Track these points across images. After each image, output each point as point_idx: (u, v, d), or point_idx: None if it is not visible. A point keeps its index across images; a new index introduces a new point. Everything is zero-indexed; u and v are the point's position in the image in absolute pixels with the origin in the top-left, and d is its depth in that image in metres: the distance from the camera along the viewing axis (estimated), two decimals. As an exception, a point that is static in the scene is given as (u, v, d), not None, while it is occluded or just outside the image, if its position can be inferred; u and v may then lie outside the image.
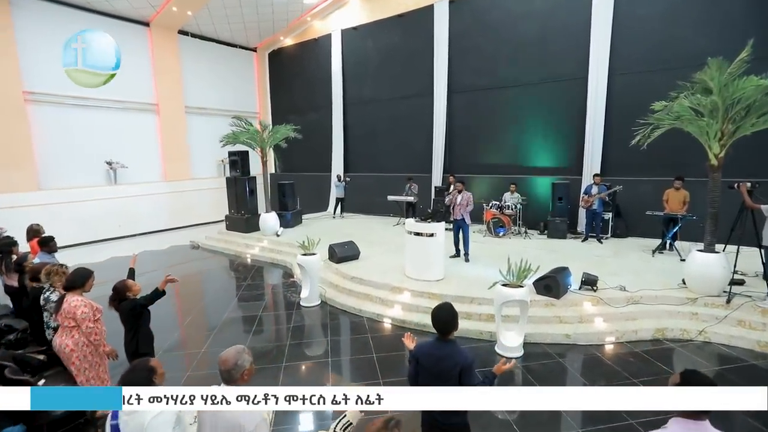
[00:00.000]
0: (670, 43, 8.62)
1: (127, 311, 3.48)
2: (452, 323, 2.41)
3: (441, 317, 2.43)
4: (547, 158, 10.59)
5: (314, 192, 15.42)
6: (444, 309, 2.45)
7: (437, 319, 2.43)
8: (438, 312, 2.45)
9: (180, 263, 9.85)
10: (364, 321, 5.80)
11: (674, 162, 8.31)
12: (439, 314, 2.44)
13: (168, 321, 6.08)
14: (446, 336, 2.42)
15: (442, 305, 2.47)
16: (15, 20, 10.58)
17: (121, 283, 3.59)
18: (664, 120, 5.38)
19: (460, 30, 11.56)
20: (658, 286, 5.75)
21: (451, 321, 2.41)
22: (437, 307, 2.48)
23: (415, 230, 6.35)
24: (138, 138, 13.34)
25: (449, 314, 2.42)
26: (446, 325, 2.41)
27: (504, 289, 4.53)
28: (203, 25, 14.24)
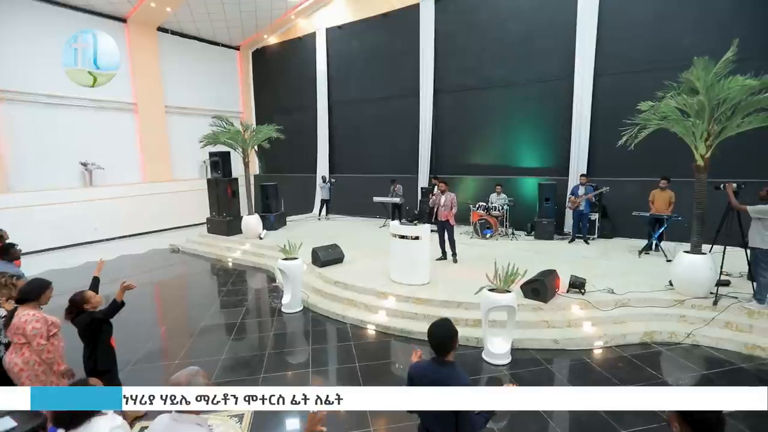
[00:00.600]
0: (656, 43, 8.63)
1: (83, 325, 3.21)
2: (449, 343, 2.16)
3: (436, 335, 2.19)
4: (533, 158, 10.54)
5: (299, 193, 15.14)
6: (440, 326, 2.21)
7: (432, 337, 2.19)
8: (434, 329, 2.21)
9: (159, 268, 9.50)
10: (347, 328, 5.60)
11: (660, 162, 8.30)
12: (435, 332, 2.20)
13: (142, 330, 5.79)
14: (443, 356, 2.18)
15: (439, 322, 2.23)
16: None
17: (79, 294, 3.31)
18: (651, 120, 5.31)
19: (446, 29, 11.45)
20: (645, 288, 5.68)
21: (448, 340, 2.16)
22: (434, 323, 2.24)
23: (399, 233, 6.18)
24: (115, 138, 12.89)
25: (446, 332, 2.18)
26: (442, 345, 2.16)
27: (491, 295, 4.39)
28: (184, 22, 13.85)
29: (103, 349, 3.25)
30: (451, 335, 2.18)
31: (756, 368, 4.37)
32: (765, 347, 4.56)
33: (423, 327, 5.21)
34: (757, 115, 4.89)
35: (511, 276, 4.46)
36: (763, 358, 4.53)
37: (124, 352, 4.66)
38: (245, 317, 6.19)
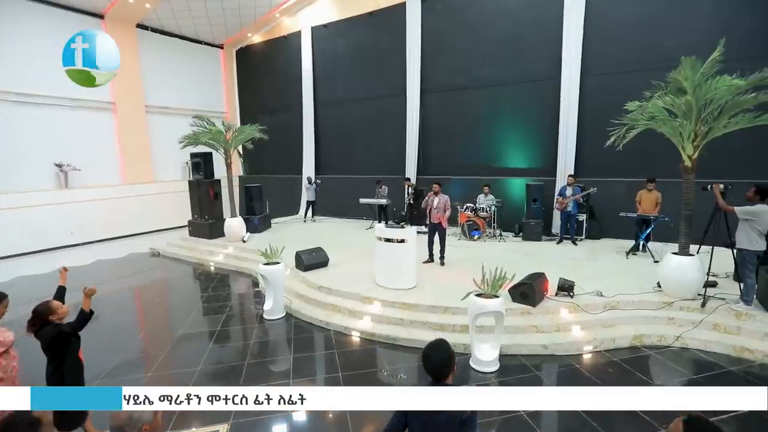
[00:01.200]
0: (643, 43, 8.63)
1: (48, 338, 2.95)
2: (448, 365, 1.96)
3: (434, 359, 1.97)
4: (521, 159, 10.48)
5: (285, 195, 14.88)
6: (437, 348, 1.99)
7: (429, 362, 1.97)
8: (430, 353, 1.99)
9: (137, 272, 9.16)
10: (331, 335, 5.40)
11: (647, 163, 8.31)
12: (432, 355, 1.98)
13: (116, 339, 5.51)
14: (443, 381, 1.98)
15: (434, 344, 2.02)
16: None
17: (43, 304, 3.04)
18: (638, 120, 5.24)
19: (433, 28, 11.34)
20: (634, 290, 5.62)
21: (447, 362, 1.96)
22: (429, 346, 2.02)
23: (385, 236, 6.01)
24: (93, 139, 12.46)
25: (444, 354, 1.97)
26: (440, 369, 1.96)
27: (478, 300, 4.24)
28: (164, 19, 13.48)
29: (71, 364, 3.00)
30: (450, 356, 1.98)
31: (744, 371, 4.31)
32: (753, 350, 4.52)
33: (409, 333, 5.12)
34: (743, 116, 4.86)
35: (499, 280, 4.33)
36: (751, 360, 4.48)
37: (95, 364, 4.43)
38: (225, 324, 5.95)
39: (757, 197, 4.85)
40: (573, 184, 8.53)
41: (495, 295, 4.32)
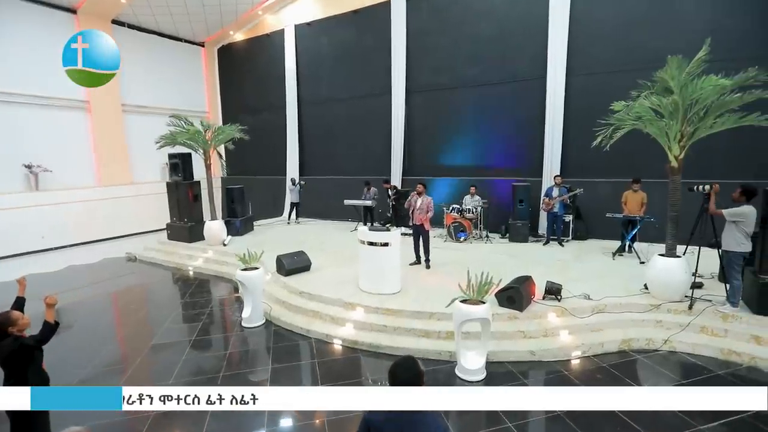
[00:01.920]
0: (628, 44, 8.62)
1: (6, 352, 2.69)
2: (417, 384, 1.82)
3: (401, 376, 1.81)
4: (507, 159, 10.40)
5: (268, 196, 14.56)
6: (404, 366, 1.84)
7: (396, 379, 1.82)
8: (397, 371, 1.83)
9: (111, 278, 8.77)
10: (312, 343, 5.17)
11: (632, 163, 8.29)
12: (399, 373, 1.83)
13: (83, 350, 5.18)
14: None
15: (401, 362, 1.86)
16: None
17: (2, 315, 2.80)
18: (625, 121, 5.16)
19: (418, 27, 11.19)
20: (621, 293, 5.54)
21: (416, 379, 1.81)
22: (396, 363, 1.86)
23: (368, 240, 5.81)
24: (65, 139, 11.97)
25: (412, 372, 1.82)
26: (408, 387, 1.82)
27: (463, 307, 4.08)
28: (141, 15, 13.04)
29: (35, 378, 2.77)
30: (418, 374, 1.82)
31: (732, 374, 4.25)
32: (740, 352, 4.46)
33: (392, 341, 4.93)
34: (729, 116, 4.81)
35: (485, 285, 4.17)
36: (739, 363, 4.42)
37: (61, 375, 4.18)
38: (202, 333, 5.67)
39: (743, 198, 4.81)
40: (560, 184, 8.46)
41: (481, 301, 4.17)
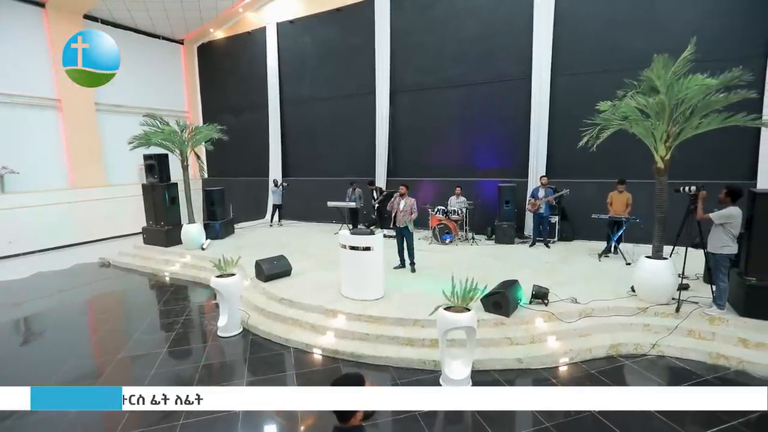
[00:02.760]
0: (612, 44, 8.61)
1: None
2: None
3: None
4: (493, 160, 10.31)
5: (251, 198, 14.21)
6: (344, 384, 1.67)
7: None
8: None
9: (81, 285, 8.34)
10: (290, 353, 4.93)
11: (618, 163, 8.27)
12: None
13: (43, 365, 4.83)
14: (346, 422, 1.68)
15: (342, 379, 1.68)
16: None
17: None
18: (611, 121, 5.06)
19: (403, 26, 11.02)
20: (608, 296, 5.44)
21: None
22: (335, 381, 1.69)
23: (349, 243, 5.59)
24: (34, 139, 11.42)
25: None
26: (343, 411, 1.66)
27: (447, 314, 3.89)
28: (115, 10, 12.56)
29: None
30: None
31: (720, 378, 4.17)
32: (728, 356, 4.39)
33: (375, 350, 4.70)
34: (714, 116, 4.75)
35: (470, 292, 4.00)
36: (727, 367, 4.35)
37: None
38: (175, 343, 5.37)
39: (729, 199, 4.75)
40: (545, 185, 8.38)
41: (466, 308, 3.99)
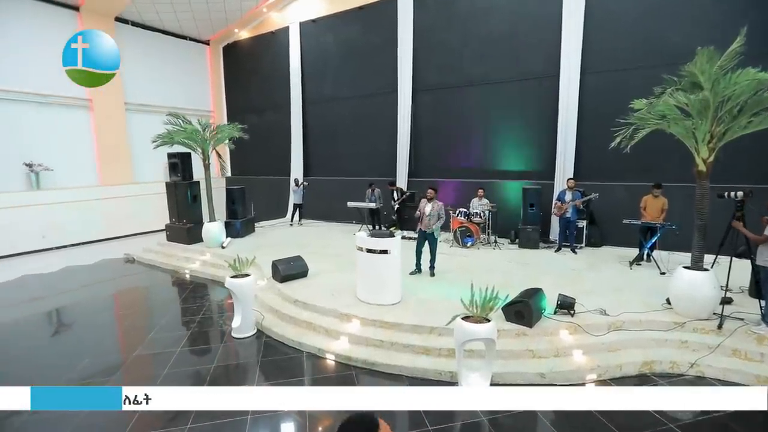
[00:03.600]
0: (646, 40, 8.12)
1: None
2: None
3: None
4: (517, 161, 9.94)
5: (273, 197, 14.31)
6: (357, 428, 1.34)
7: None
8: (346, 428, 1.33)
9: (105, 281, 8.53)
10: (303, 358, 4.81)
11: (651, 165, 7.79)
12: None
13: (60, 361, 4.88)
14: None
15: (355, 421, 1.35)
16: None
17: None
18: (647, 120, 4.69)
19: (426, 24, 10.79)
20: (640, 308, 5.07)
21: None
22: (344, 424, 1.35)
23: (366, 246, 5.43)
24: (67, 137, 11.83)
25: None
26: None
27: (465, 325, 3.67)
28: (145, 13, 12.87)
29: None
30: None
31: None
32: (778, 379, 3.97)
33: (389, 358, 4.50)
34: (766, 115, 4.32)
35: (490, 301, 3.76)
36: (777, 391, 3.92)
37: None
38: (189, 343, 5.35)
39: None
40: (573, 188, 7.97)
41: (485, 319, 3.75)
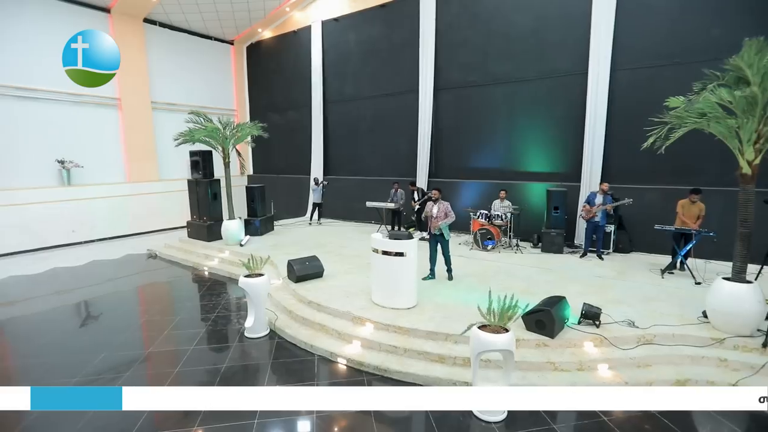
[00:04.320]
0: (683, 33, 7.64)
1: None
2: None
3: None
4: (542, 162, 9.58)
5: (294, 196, 14.38)
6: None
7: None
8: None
9: (127, 276, 8.70)
10: (314, 361, 4.70)
11: (687, 168, 7.33)
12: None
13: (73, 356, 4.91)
14: None
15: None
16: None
17: None
18: (685, 119, 4.35)
19: (449, 21, 10.56)
20: (674, 320, 4.72)
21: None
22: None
23: (381, 248, 5.28)
24: (97, 135, 12.20)
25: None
26: None
27: (482, 334, 3.47)
28: (172, 13, 13.13)
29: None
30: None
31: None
32: (832, 406, 3.58)
33: (402, 365, 4.31)
34: (822, 112, 3.92)
35: (509, 310, 3.54)
36: (830, 419, 3.55)
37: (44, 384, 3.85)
38: (202, 342, 5.34)
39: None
40: (606, 192, 7.55)
41: (504, 328, 3.54)
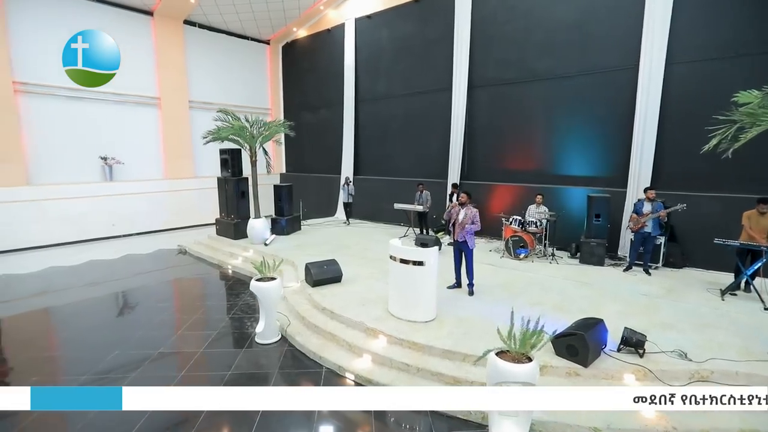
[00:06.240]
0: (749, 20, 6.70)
1: None
2: None
3: None
4: (583, 165, 8.83)
5: (324, 195, 14.31)
6: None
7: None
8: None
9: (153, 271, 8.88)
10: (321, 374, 4.43)
11: (753, 173, 6.42)
12: None
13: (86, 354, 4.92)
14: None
15: None
16: (8, 7, 10.07)
17: None
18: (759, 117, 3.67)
19: (485, 15, 10.00)
20: (736, 354, 4.03)
21: None
22: None
23: (399, 256, 4.92)
24: (137, 133, 12.68)
25: None
26: None
27: (500, 363, 3.04)
28: (210, 14, 13.41)
29: None
30: None
31: None
32: None
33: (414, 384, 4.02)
34: None
35: (533, 336, 3.08)
36: None
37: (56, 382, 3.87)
38: (212, 345, 5.22)
39: None
40: (652, 199, 6.79)
41: (527, 357, 3.09)
